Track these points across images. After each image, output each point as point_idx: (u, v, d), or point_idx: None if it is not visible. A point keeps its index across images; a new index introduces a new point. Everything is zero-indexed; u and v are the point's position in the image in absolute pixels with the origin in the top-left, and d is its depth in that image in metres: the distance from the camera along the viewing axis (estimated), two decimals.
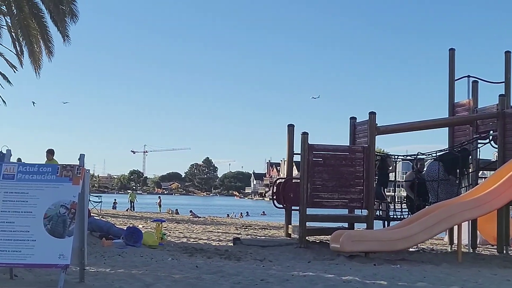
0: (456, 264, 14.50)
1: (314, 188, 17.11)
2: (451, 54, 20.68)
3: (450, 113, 20.49)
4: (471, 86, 19.99)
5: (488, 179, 16.55)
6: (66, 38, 22.97)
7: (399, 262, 14.17)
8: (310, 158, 17.11)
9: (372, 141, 17.56)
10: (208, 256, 13.93)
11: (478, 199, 15.06)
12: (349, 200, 17.39)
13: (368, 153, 17.35)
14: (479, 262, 15.37)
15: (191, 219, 35.35)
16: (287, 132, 18.96)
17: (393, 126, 18.72)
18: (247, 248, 16.11)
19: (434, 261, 14.82)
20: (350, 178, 17.25)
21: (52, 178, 8.56)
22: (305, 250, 16.28)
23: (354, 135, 19.53)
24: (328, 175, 17.20)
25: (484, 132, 19.25)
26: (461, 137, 20.06)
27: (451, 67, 20.58)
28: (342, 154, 17.41)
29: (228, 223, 32.83)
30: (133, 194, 55.11)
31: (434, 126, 19.84)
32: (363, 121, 18.79)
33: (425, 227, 14.65)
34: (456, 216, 14.81)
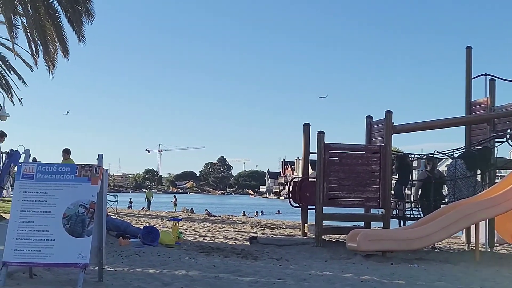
0: (474, 263, 14.42)
1: (330, 187, 17.09)
2: (468, 52, 20.55)
3: (467, 112, 20.36)
4: (488, 84, 19.86)
5: (505, 178, 16.45)
6: (81, 38, 23.04)
7: (416, 261, 14.13)
8: (326, 157, 17.09)
9: (388, 140, 17.51)
10: (225, 255, 13.94)
11: (495, 199, 14.98)
12: (366, 199, 17.35)
13: (385, 152, 17.30)
14: (497, 261, 15.27)
15: (206, 218, 35.42)
16: (303, 131, 18.92)
17: (410, 125, 18.64)
18: (264, 247, 16.12)
19: (452, 261, 14.75)
20: (366, 177, 17.22)
21: (71, 178, 8.60)
22: (321, 249, 16.25)
23: (370, 134, 19.45)
24: (344, 174, 17.17)
25: (501, 130, 19.12)
26: (478, 135, 19.93)
27: (468, 65, 20.45)
28: (358, 153, 17.39)
29: (244, 222, 32.89)
30: (150, 193, 55.18)
31: (451, 125, 19.74)
32: (379, 120, 18.73)
33: (442, 227, 14.60)
34: (473, 215, 14.74)
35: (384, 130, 17.71)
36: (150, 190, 55.23)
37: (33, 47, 24.58)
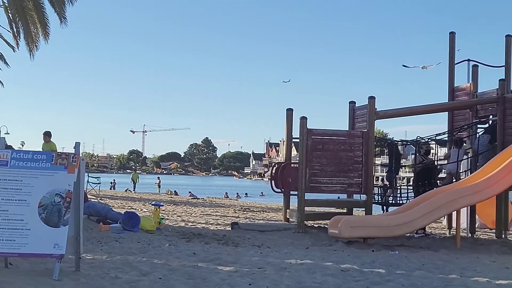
0: (454, 250, 14.43)
1: (312, 173, 17.02)
2: (451, 37, 20.47)
3: (450, 97, 20.32)
4: (471, 70, 19.82)
5: (488, 164, 16.42)
6: (63, 19, 22.77)
7: (398, 248, 14.11)
8: (308, 143, 16.99)
9: (371, 125, 17.44)
10: (205, 242, 13.85)
11: (477, 185, 14.95)
12: (348, 185, 17.30)
13: (368, 138, 17.23)
14: (478, 248, 15.29)
15: (189, 201, 35.34)
16: (286, 116, 18.81)
17: (393, 110, 18.56)
18: (245, 233, 16.05)
19: (433, 247, 14.76)
20: (349, 163, 17.15)
21: (47, 166, 8.43)
22: (303, 235, 16.20)
23: (353, 120, 19.39)
24: (327, 159, 17.10)
25: (484, 116, 19.13)
26: (460, 121, 19.92)
27: (451, 51, 20.38)
28: (341, 138, 17.30)
29: (227, 205, 32.84)
30: (136, 174, 54.88)
31: (434, 110, 19.69)
32: (362, 105, 18.65)
33: (424, 213, 14.56)
34: (455, 202, 14.71)
35: (367, 116, 17.63)
36: (135, 171, 54.59)
37: (14, 28, 24.28)
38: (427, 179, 17.97)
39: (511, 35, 19.51)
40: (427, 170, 18.17)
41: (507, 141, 17.14)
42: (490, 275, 10.36)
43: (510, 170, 15.01)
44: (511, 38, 19.47)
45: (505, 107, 17.63)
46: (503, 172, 14.98)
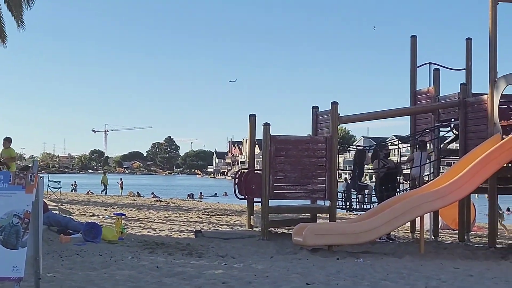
0: (418, 255, 14.48)
1: (276, 179, 16.96)
2: (412, 41, 20.58)
3: (412, 101, 20.43)
4: (433, 73, 19.92)
5: (451, 169, 16.53)
6: (20, 23, 22.43)
7: (362, 255, 14.09)
8: (272, 149, 16.92)
9: (334, 131, 17.41)
10: (169, 252, 13.65)
11: (440, 191, 15.02)
12: (312, 191, 17.25)
13: (331, 143, 17.19)
14: (442, 253, 15.41)
15: (152, 204, 35.02)
16: (248, 122, 18.69)
17: (356, 116, 18.56)
18: (209, 242, 15.87)
19: (397, 253, 14.80)
20: (313, 169, 17.11)
21: (4, 186, 8.18)
22: (267, 242, 16.10)
23: (317, 125, 19.37)
24: (290, 166, 17.04)
25: (445, 120, 19.25)
26: (422, 124, 20.03)
27: (412, 54, 20.50)
28: (304, 144, 17.24)
29: (190, 207, 32.66)
30: (105, 177, 54.38)
31: (396, 115, 19.77)
32: (325, 110, 18.62)
33: (388, 219, 14.58)
34: (419, 208, 14.76)
35: (330, 121, 17.59)
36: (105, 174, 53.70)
37: None
38: (390, 184, 18.00)
39: (472, 39, 19.66)
40: (389, 175, 18.20)
41: (469, 145, 17.27)
42: (455, 284, 10.38)
43: (472, 175, 15.11)
44: (471, 42, 19.62)
45: (466, 110, 17.76)
46: (466, 177, 15.07)
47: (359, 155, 19.16)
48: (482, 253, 15.53)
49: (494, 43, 16.66)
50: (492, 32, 16.62)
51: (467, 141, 17.60)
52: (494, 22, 16.64)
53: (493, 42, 16.66)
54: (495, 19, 16.65)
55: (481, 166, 15.26)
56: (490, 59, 16.70)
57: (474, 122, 17.49)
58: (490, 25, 16.70)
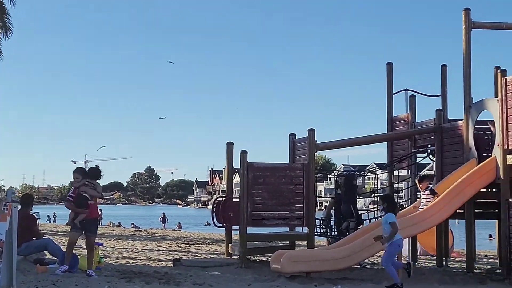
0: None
1: (254, 207, 16.94)
2: (388, 68, 20.79)
3: (389, 127, 20.58)
4: (409, 100, 20.10)
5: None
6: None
7: (340, 281, 14.08)
8: (249, 177, 16.94)
9: (312, 158, 17.47)
10: (146, 281, 13.54)
11: (417, 217, 15.08)
12: (290, 218, 17.27)
13: (308, 170, 17.24)
14: (420, 278, 15.39)
15: (132, 234, 34.80)
16: (226, 150, 18.71)
17: (333, 142, 18.66)
18: (188, 270, 15.78)
19: (375, 279, 14.78)
20: (290, 196, 17.13)
21: None
22: (246, 270, 16.04)
23: (294, 152, 19.44)
24: (268, 193, 17.05)
25: (422, 146, 19.39)
26: (400, 151, 20.18)
27: (389, 81, 20.69)
28: (282, 172, 17.28)
29: (170, 237, 32.48)
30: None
31: (373, 141, 19.87)
32: (302, 137, 18.70)
33: (366, 246, 14.59)
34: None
35: (307, 148, 17.66)
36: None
37: None
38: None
39: (447, 65, 19.87)
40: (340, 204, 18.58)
41: (445, 171, 17.39)
42: None
43: (449, 201, 15.20)
44: (447, 68, 19.84)
45: (442, 136, 17.91)
46: (440, 204, 15.15)
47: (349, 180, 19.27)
48: (460, 278, 15.57)
49: (468, 69, 16.85)
50: (466, 58, 16.82)
51: (443, 166, 17.73)
52: (468, 48, 16.84)
53: (467, 68, 16.85)
54: (469, 45, 16.86)
55: (457, 192, 15.37)
56: (465, 85, 16.88)
57: (450, 147, 17.63)
58: (464, 51, 16.90)
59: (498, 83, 15.44)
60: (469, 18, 16.81)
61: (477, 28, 17.04)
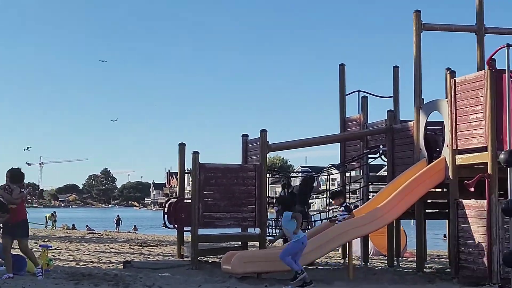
0: (347, 281, 14.55)
1: (205, 208, 16.85)
2: (341, 69, 20.87)
3: (341, 128, 20.68)
4: (361, 101, 20.22)
5: (378, 195, 16.71)
6: None
7: (291, 282, 14.07)
8: (201, 178, 16.85)
9: (264, 159, 17.44)
10: (95, 284, 13.41)
11: (367, 217, 15.13)
12: (242, 219, 17.20)
13: (260, 171, 17.22)
14: (370, 278, 15.50)
15: (85, 236, 34.46)
16: (178, 151, 18.59)
17: (285, 143, 18.65)
18: (138, 272, 15.65)
19: (326, 279, 14.80)
20: (242, 196, 17.07)
21: None
22: (197, 271, 15.95)
23: (246, 153, 19.43)
24: (220, 194, 16.98)
25: (374, 147, 19.51)
26: (352, 151, 20.28)
27: (341, 82, 20.78)
28: (234, 172, 17.23)
29: (123, 239, 32.23)
30: (51, 216, 53.00)
31: (325, 142, 19.90)
32: (254, 138, 18.68)
33: (317, 246, 14.60)
34: (347, 233, 14.81)
35: (259, 149, 17.64)
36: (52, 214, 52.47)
37: None
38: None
39: (399, 67, 20.05)
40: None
41: (396, 171, 17.52)
42: None
43: (399, 201, 15.29)
44: (398, 69, 20.01)
45: (393, 137, 18.04)
46: (392, 202, 15.23)
47: (310, 181, 19.31)
48: (410, 277, 15.69)
49: (418, 71, 16.96)
50: (416, 60, 16.93)
51: (395, 167, 17.85)
52: (419, 50, 16.96)
53: (418, 69, 16.96)
54: (419, 46, 16.97)
55: (407, 192, 15.45)
56: (415, 86, 16.99)
57: (400, 148, 17.75)
58: (414, 52, 17.01)
59: (447, 84, 15.56)
60: (420, 20, 16.92)
61: (428, 30, 17.16)
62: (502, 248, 13.62)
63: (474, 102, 14.51)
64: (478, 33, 17.69)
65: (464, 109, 14.82)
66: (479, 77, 14.45)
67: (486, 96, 14.08)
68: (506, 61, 13.66)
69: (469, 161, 14.93)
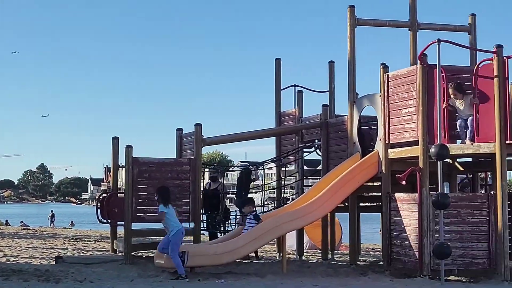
0: (281, 275, 14.57)
1: (139, 202, 16.72)
2: (277, 63, 20.89)
3: (277, 122, 20.72)
4: (296, 95, 20.28)
5: (312, 189, 16.78)
6: None
7: (225, 275, 14.06)
8: (134, 172, 16.69)
9: (198, 153, 17.36)
10: (24, 279, 13.14)
11: (302, 209, 15.18)
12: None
13: (195, 165, 17.14)
14: (304, 271, 15.57)
15: (19, 232, 33.77)
16: (111, 145, 18.37)
17: (220, 137, 18.59)
18: (70, 267, 15.39)
19: (260, 273, 14.81)
20: (177, 191, 16.94)
21: None
22: (130, 266, 15.78)
23: (181, 147, 19.29)
24: (154, 188, 16.69)
25: (309, 141, 19.57)
26: (288, 146, 20.33)
27: (277, 76, 20.80)
28: (168, 167, 17.11)
29: (58, 234, 31.70)
30: None
31: (260, 136, 19.92)
32: (189, 132, 18.57)
33: (250, 240, 14.60)
34: (280, 228, 14.83)
35: (194, 143, 17.55)
36: None
37: None
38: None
39: (334, 61, 20.14)
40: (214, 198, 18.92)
41: (331, 165, 17.62)
42: None
43: (333, 194, 15.39)
44: (334, 64, 20.10)
45: (328, 131, 18.12)
46: (326, 196, 15.32)
47: (246, 175, 19.28)
48: (344, 270, 15.80)
49: (352, 65, 17.07)
50: (350, 54, 17.03)
51: (329, 161, 17.95)
52: (353, 45, 17.06)
53: (352, 64, 17.07)
54: (353, 41, 17.07)
55: (341, 185, 15.56)
56: (349, 80, 17.11)
57: (335, 142, 17.83)
58: (348, 47, 17.10)
59: (381, 79, 15.68)
60: (354, 15, 17.01)
61: (362, 25, 17.26)
62: (432, 240, 13.78)
63: (406, 97, 14.66)
64: (411, 29, 17.86)
65: (397, 103, 14.97)
66: (411, 72, 14.61)
67: (418, 91, 14.24)
68: (437, 56, 13.85)
69: (401, 155, 15.10)
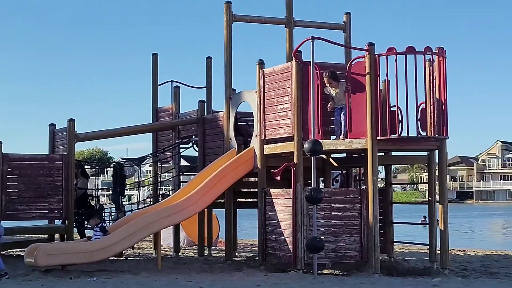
0: (155, 272, 14.45)
1: (9, 199, 16.25)
2: (154, 59, 20.74)
3: (154, 118, 20.56)
4: (174, 91, 20.19)
5: (188, 184, 16.72)
6: None
7: (97, 273, 13.80)
8: (4, 169, 16.19)
9: (71, 149, 16.99)
10: None
11: (176, 206, 15.08)
12: (48, 210, 16.72)
13: (67, 161, 16.77)
14: (179, 268, 15.54)
15: None
16: None
17: (94, 133, 18.25)
18: None
19: (135, 270, 14.64)
20: (48, 188, 16.58)
21: None
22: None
23: (54, 143, 18.78)
24: (24, 185, 16.42)
25: (186, 137, 19.50)
26: (164, 142, 20.20)
27: (154, 72, 20.65)
28: (39, 163, 16.68)
29: None
30: None
31: (135, 132, 19.69)
32: (62, 128, 18.11)
33: (124, 237, 14.35)
34: (156, 223, 14.68)
35: (67, 139, 17.16)
36: None
37: None
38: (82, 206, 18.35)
39: (212, 57, 20.12)
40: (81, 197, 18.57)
41: (207, 161, 17.62)
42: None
43: (208, 190, 15.36)
44: (211, 60, 20.09)
45: (204, 127, 18.12)
46: (202, 191, 15.26)
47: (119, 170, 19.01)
48: (219, 266, 15.83)
49: (229, 61, 17.06)
50: (227, 50, 17.00)
51: (205, 157, 17.94)
52: (229, 41, 17.04)
53: (228, 60, 17.06)
54: (230, 37, 17.04)
55: (216, 180, 15.53)
56: (226, 77, 17.09)
57: (211, 138, 17.84)
58: (225, 43, 17.08)
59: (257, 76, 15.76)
60: (230, 11, 16.98)
61: (238, 21, 17.25)
62: (306, 235, 13.97)
63: (282, 93, 14.81)
64: (287, 26, 17.98)
65: (272, 99, 15.09)
66: (286, 68, 14.76)
67: (293, 87, 14.39)
68: (311, 53, 14.06)
69: (276, 150, 15.23)
